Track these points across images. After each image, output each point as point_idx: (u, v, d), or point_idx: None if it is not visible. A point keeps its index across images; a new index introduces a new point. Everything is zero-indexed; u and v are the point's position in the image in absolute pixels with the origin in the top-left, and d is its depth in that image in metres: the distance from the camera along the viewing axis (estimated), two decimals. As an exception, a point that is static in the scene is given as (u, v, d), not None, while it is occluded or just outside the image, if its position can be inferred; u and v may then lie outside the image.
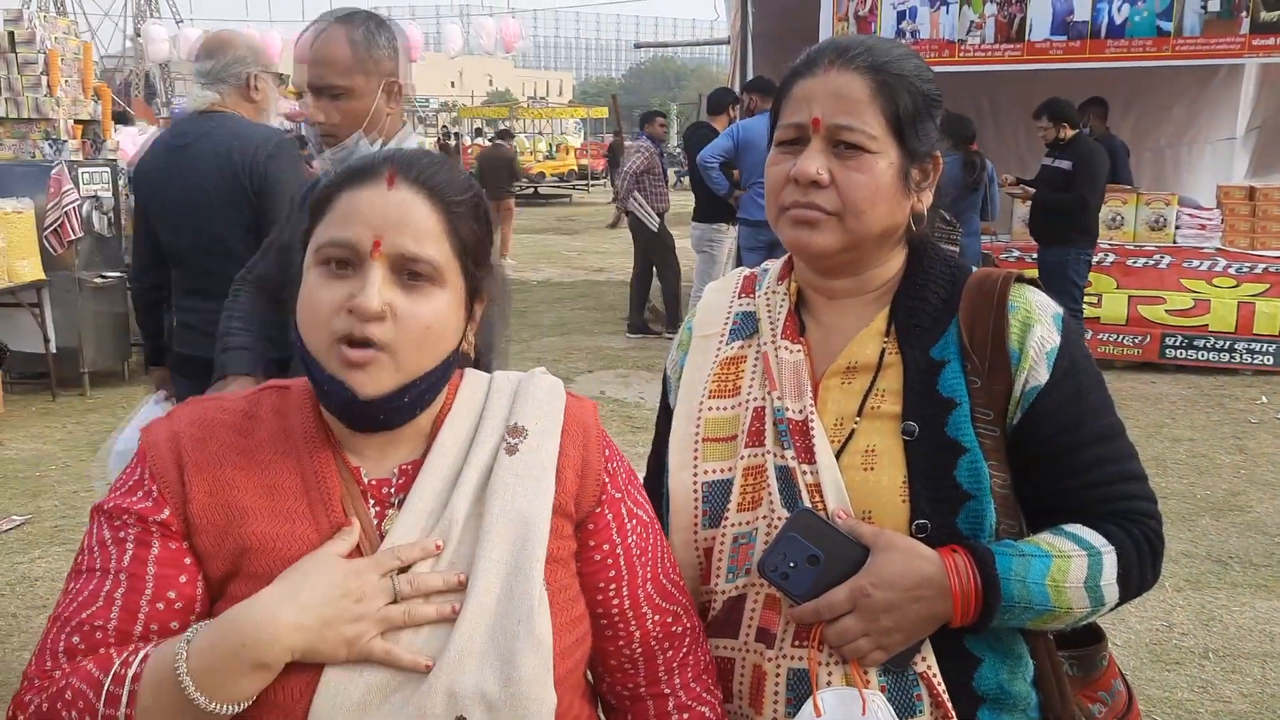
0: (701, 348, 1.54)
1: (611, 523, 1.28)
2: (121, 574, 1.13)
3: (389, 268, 1.15)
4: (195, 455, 1.18)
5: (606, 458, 1.30)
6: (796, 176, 1.37)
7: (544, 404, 1.27)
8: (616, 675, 1.31)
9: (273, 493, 1.18)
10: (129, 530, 1.15)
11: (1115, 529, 1.36)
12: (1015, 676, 1.37)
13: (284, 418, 1.23)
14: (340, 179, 1.20)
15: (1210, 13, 8.06)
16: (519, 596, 1.14)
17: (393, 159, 1.20)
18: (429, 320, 1.16)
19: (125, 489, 1.18)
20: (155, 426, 1.22)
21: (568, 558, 1.24)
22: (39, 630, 4.12)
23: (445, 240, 1.18)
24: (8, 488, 5.91)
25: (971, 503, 1.33)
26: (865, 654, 1.30)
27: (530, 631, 1.13)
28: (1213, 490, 5.69)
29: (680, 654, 1.31)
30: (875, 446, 1.37)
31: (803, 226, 1.39)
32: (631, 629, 1.28)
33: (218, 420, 1.22)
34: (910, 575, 1.29)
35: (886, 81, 1.37)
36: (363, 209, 1.16)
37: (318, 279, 1.16)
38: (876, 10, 8.69)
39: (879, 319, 1.44)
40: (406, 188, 1.17)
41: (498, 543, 1.17)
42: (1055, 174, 7.55)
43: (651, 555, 1.31)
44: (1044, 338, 1.37)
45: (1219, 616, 4.25)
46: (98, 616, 1.11)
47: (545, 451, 1.23)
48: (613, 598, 1.27)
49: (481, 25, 17.01)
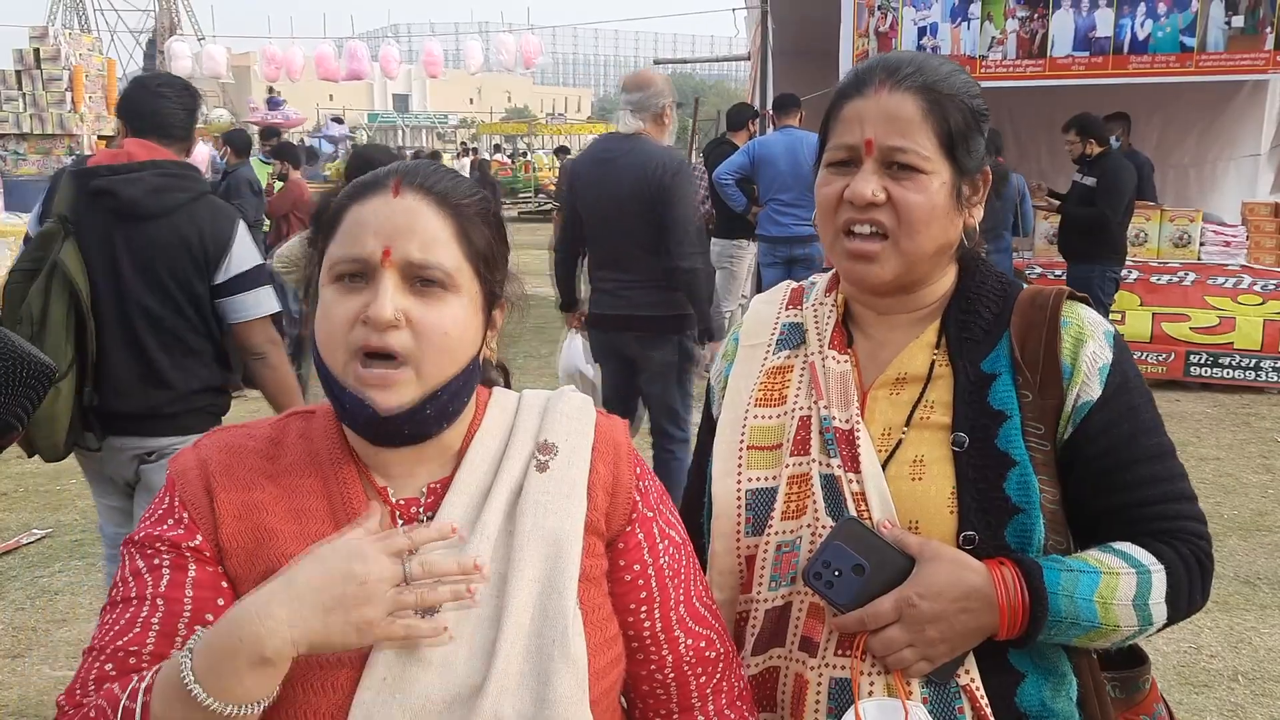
0: (748, 357, 1.55)
1: (643, 542, 1.26)
2: (159, 599, 1.11)
3: (401, 275, 1.13)
4: (223, 480, 1.17)
5: (638, 475, 1.28)
6: (852, 198, 1.37)
7: (574, 421, 1.26)
8: (649, 701, 1.28)
9: (300, 516, 1.16)
10: (163, 557, 1.14)
11: (1165, 548, 1.34)
12: (1058, 694, 1.35)
13: (309, 441, 1.22)
14: (347, 194, 1.19)
15: (1234, 28, 8.00)
16: (553, 615, 1.12)
17: (397, 169, 1.20)
18: (446, 326, 1.14)
19: (155, 518, 1.17)
20: (183, 456, 1.21)
21: (600, 577, 1.22)
22: (58, 643, 4.14)
23: (456, 245, 1.17)
24: (28, 501, 5.92)
25: (1020, 516, 1.32)
26: (909, 664, 1.29)
27: (565, 652, 1.11)
28: (1240, 510, 5.62)
29: (714, 679, 1.29)
30: (923, 457, 1.36)
31: (860, 260, 1.39)
32: (664, 653, 1.26)
33: (244, 446, 1.21)
34: (957, 586, 1.28)
35: (938, 101, 1.37)
36: (370, 220, 1.15)
37: (332, 295, 1.15)
38: (897, 26, 8.67)
39: (929, 332, 1.44)
40: (412, 195, 1.16)
41: (531, 560, 1.15)
42: (1082, 190, 7.52)
43: (685, 577, 1.28)
44: (1096, 353, 1.37)
45: (1248, 639, 4.18)
46: (134, 643, 1.09)
47: (576, 468, 1.22)
48: (644, 620, 1.24)
49: (501, 42, 17.08)
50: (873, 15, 8.70)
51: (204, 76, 18.48)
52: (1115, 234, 7.47)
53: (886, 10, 8.64)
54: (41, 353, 1.76)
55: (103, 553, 3.80)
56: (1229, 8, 7.99)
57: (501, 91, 79.40)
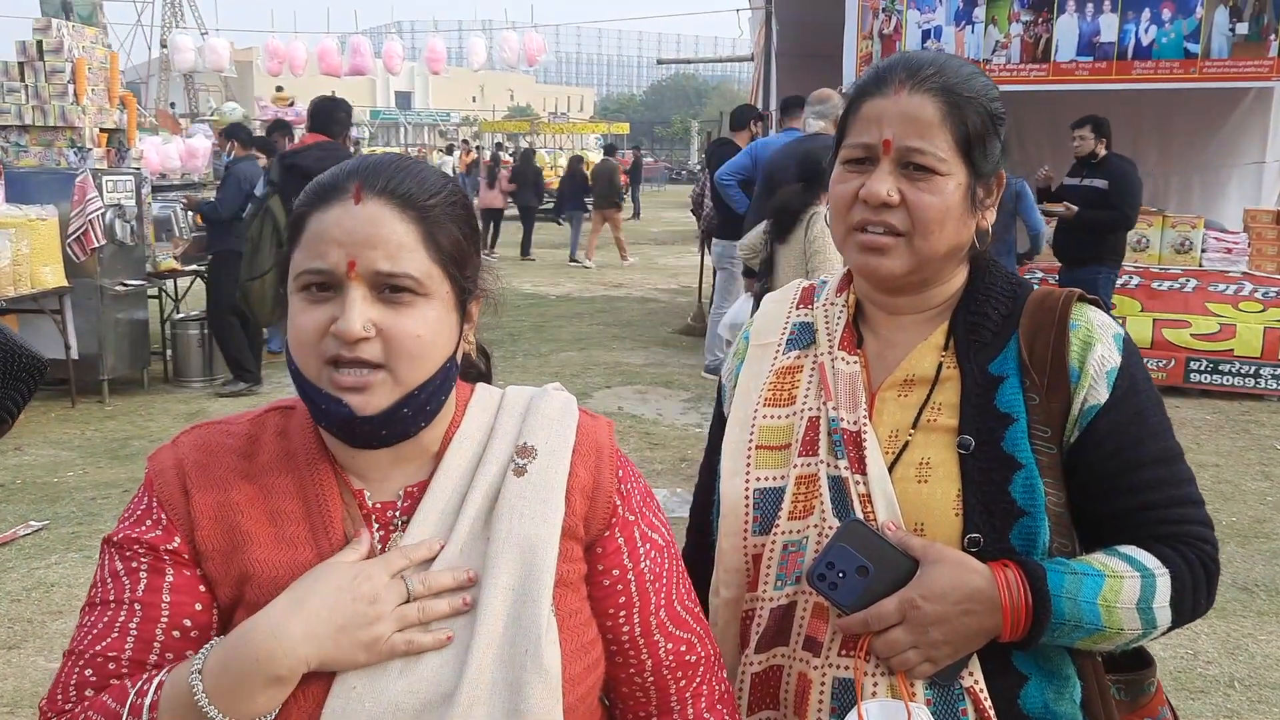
0: (758, 356, 1.55)
1: (623, 547, 1.23)
2: (136, 604, 1.11)
3: (368, 286, 1.10)
4: (199, 480, 1.16)
5: (620, 479, 1.25)
6: (867, 198, 1.37)
7: (555, 423, 1.23)
8: (629, 703, 1.27)
9: (275, 518, 1.15)
10: (141, 560, 1.13)
11: (1170, 552, 1.34)
12: (1062, 697, 1.34)
13: (287, 440, 1.20)
14: (308, 199, 1.16)
15: (1239, 35, 8.02)
16: (526, 624, 1.11)
17: (357, 170, 1.15)
18: (418, 331, 1.12)
19: (134, 519, 1.16)
20: (161, 454, 1.20)
21: (577, 581, 1.20)
22: (54, 635, 4.14)
23: (423, 250, 1.13)
24: (26, 493, 5.92)
25: (1025, 519, 1.32)
26: (913, 666, 1.29)
27: (538, 662, 1.10)
28: (1238, 517, 5.61)
29: (694, 683, 1.27)
30: (929, 459, 1.36)
31: (872, 252, 1.39)
32: (643, 657, 1.24)
33: (221, 445, 1.20)
34: (960, 588, 1.28)
35: (958, 103, 1.37)
36: (332, 230, 1.11)
37: (299, 304, 1.13)
38: (901, 29, 8.67)
39: (938, 333, 1.43)
40: (374, 201, 1.12)
41: (505, 568, 1.13)
42: (1090, 193, 7.45)
43: (666, 581, 1.27)
44: (1104, 357, 1.36)
45: (1244, 645, 4.18)
46: (111, 648, 1.09)
47: (555, 472, 1.19)
48: (623, 624, 1.23)
49: (505, 39, 17.07)
50: (877, 18, 8.71)
51: (206, 70, 18.47)
52: (1123, 237, 7.48)
53: (891, 13, 8.65)
54: (32, 347, 1.79)
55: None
56: (1233, 14, 8.00)
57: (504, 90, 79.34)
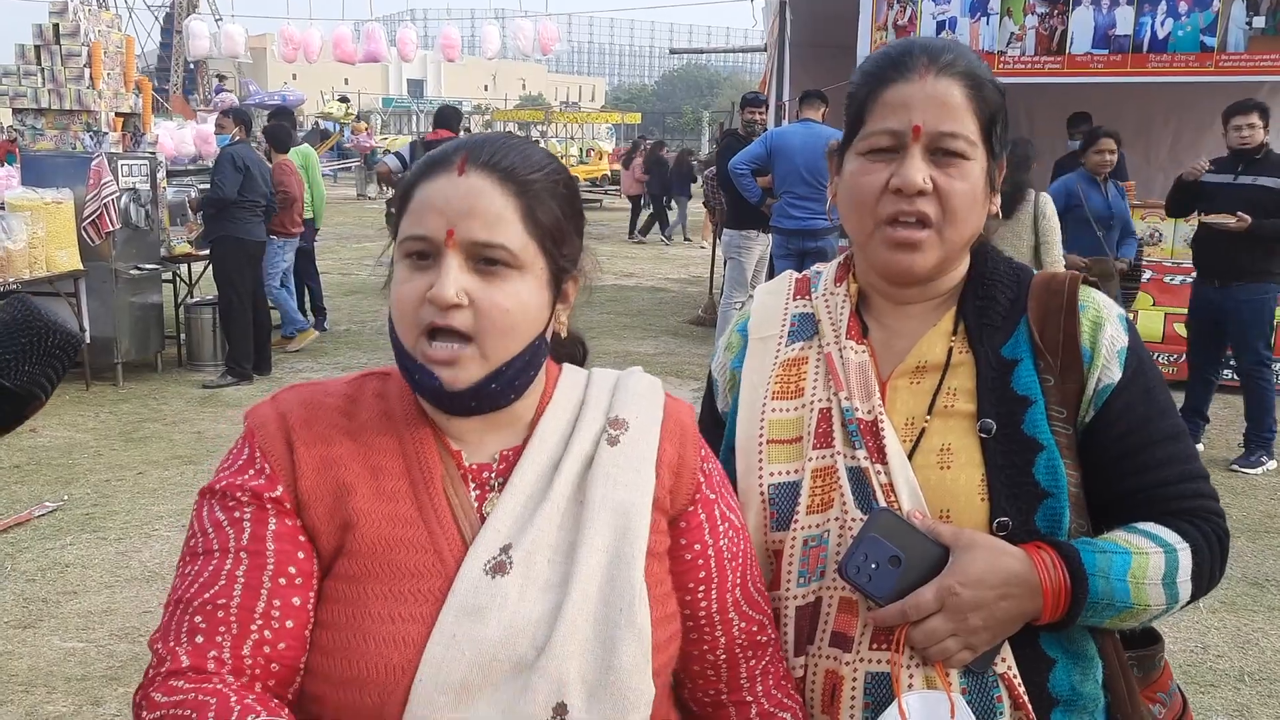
0: (759, 350, 1.52)
1: (705, 523, 1.27)
2: (242, 552, 1.13)
3: (465, 255, 1.15)
4: (303, 434, 1.19)
5: (702, 458, 1.29)
6: (902, 187, 1.34)
7: (644, 399, 1.28)
8: (699, 681, 1.30)
9: (376, 473, 1.19)
10: (244, 510, 1.15)
11: (1189, 526, 1.35)
12: (1086, 677, 1.35)
13: (385, 401, 1.24)
14: (418, 171, 1.21)
15: (1255, 29, 7.97)
16: (621, 585, 1.15)
17: (465, 145, 1.20)
18: (508, 305, 1.15)
19: (235, 468, 1.18)
20: (261, 408, 1.23)
21: (663, 553, 1.24)
22: (69, 615, 4.18)
23: (521, 223, 1.17)
24: (40, 474, 5.96)
25: (1049, 500, 1.32)
26: (952, 654, 1.28)
27: (632, 620, 1.13)
28: (1249, 512, 5.60)
29: (762, 663, 1.31)
30: (950, 444, 1.36)
31: (904, 249, 1.36)
32: (717, 634, 1.27)
33: (322, 403, 1.23)
34: (998, 573, 1.27)
35: (979, 85, 1.36)
36: (435, 200, 1.16)
37: (403, 272, 1.18)
38: (916, 20, 8.64)
39: (945, 319, 1.43)
40: (477, 173, 1.16)
41: (600, 530, 1.17)
42: (1258, 193, 6.18)
43: (742, 561, 1.30)
44: (1114, 337, 1.38)
45: (1255, 640, 4.18)
46: (220, 595, 1.11)
47: (646, 444, 1.24)
48: (700, 600, 1.26)
49: (519, 27, 17.03)
50: (891, 9, 8.67)
51: (222, 56, 18.48)
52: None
53: (906, 4, 8.61)
54: (67, 322, 1.76)
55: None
56: (1250, 8, 7.94)
57: (516, 79, 79.29)
